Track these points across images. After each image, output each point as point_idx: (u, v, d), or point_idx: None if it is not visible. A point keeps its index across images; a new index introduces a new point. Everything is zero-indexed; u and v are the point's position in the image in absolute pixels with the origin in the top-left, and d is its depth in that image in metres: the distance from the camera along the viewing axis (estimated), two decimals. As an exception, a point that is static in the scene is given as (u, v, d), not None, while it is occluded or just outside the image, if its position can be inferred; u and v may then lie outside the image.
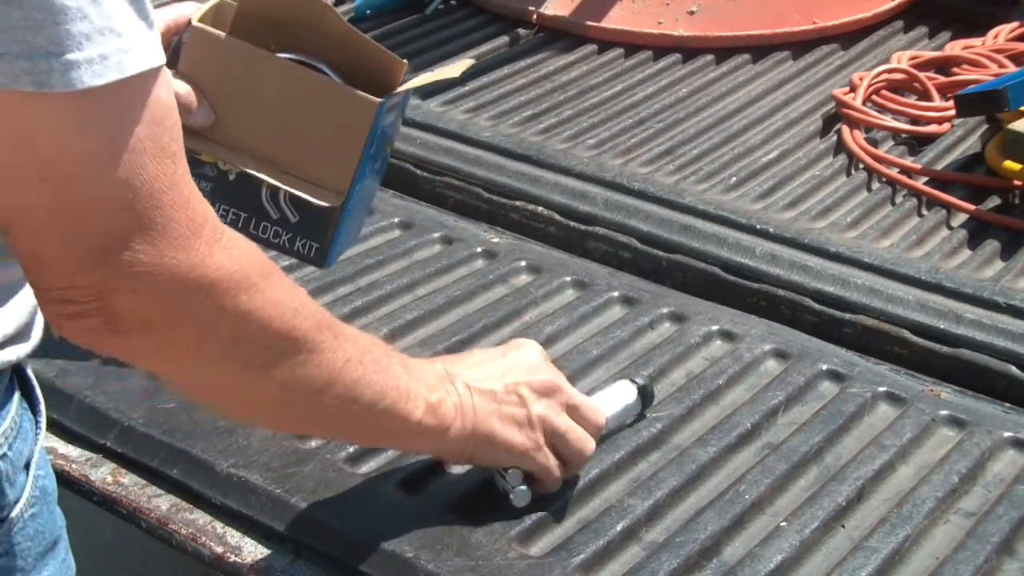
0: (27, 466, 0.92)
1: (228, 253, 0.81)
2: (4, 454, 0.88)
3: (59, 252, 0.76)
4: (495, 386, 1.08)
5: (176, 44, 1.20)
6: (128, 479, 1.21)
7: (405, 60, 1.23)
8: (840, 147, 1.82)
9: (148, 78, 0.75)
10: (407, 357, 1.04)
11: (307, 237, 1.23)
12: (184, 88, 1.17)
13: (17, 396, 0.90)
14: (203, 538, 1.14)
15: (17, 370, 0.91)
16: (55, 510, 0.98)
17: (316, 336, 0.90)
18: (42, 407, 0.95)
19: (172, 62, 1.18)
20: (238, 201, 1.23)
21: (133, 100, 0.74)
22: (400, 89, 1.22)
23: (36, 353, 1.32)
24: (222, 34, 1.17)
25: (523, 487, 1.12)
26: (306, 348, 0.89)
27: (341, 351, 0.92)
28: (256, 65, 1.18)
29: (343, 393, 0.93)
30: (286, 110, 1.19)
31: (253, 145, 1.20)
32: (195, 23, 1.18)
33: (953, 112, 1.82)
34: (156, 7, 0.86)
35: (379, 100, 1.17)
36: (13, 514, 0.90)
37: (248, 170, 1.20)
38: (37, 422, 0.94)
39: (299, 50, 1.20)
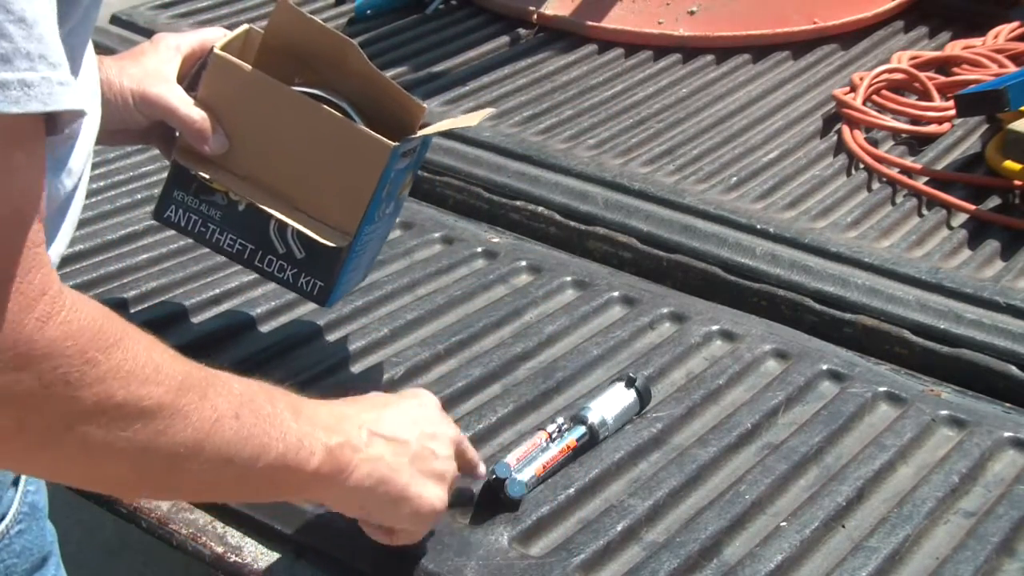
0: (15, 483, 0.90)
1: (63, 328, 0.71)
2: None
3: None
4: (408, 436, 0.98)
5: (198, 70, 1.20)
6: (129, 479, 1.21)
7: (425, 105, 1.21)
8: (840, 147, 1.82)
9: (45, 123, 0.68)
10: (302, 400, 0.93)
11: (311, 275, 1.22)
12: (200, 115, 1.16)
13: None
14: (203, 538, 1.14)
15: None
16: (45, 526, 0.96)
17: (174, 401, 0.78)
18: None
19: (193, 87, 1.19)
20: (245, 232, 1.23)
21: (19, 143, 0.67)
22: (417, 135, 1.21)
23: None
24: (243, 64, 1.16)
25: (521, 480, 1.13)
26: (161, 416, 0.77)
27: (208, 411, 0.81)
28: (274, 98, 1.17)
29: (214, 456, 0.82)
30: (301, 145, 1.18)
31: (265, 177, 1.20)
32: (217, 51, 1.17)
33: (953, 112, 1.82)
34: (178, 30, 0.83)
35: (393, 144, 1.15)
36: None
37: (258, 203, 1.20)
38: None
39: (321, 86, 1.19)
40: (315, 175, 1.19)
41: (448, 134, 1.80)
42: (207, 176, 1.21)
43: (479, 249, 1.58)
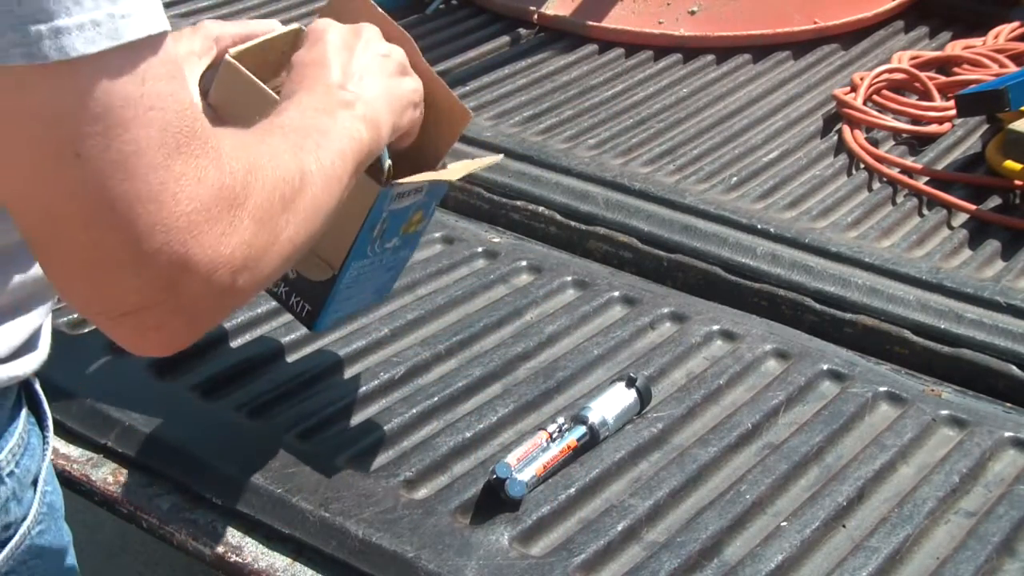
0: (35, 483, 0.91)
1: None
2: (12, 471, 0.87)
3: (113, 254, 0.70)
4: (367, 64, 1.04)
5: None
6: (129, 479, 1.21)
7: (471, 111, 1.18)
8: (841, 147, 1.82)
9: (146, 46, 0.69)
10: (302, 111, 0.96)
11: (301, 296, 1.21)
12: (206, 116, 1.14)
13: (24, 412, 0.89)
14: (204, 538, 1.14)
15: (25, 385, 0.90)
16: (62, 526, 0.96)
17: (298, 192, 0.83)
18: (49, 422, 0.94)
19: (208, 86, 1.14)
20: None
21: (136, 66, 0.69)
22: (412, 180, 1.14)
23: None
24: (248, 75, 1.12)
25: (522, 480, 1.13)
26: (297, 200, 0.83)
27: (310, 163, 0.86)
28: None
29: (328, 195, 0.89)
30: None
31: None
32: (228, 57, 1.12)
33: (954, 112, 1.82)
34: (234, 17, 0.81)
35: (380, 188, 1.11)
36: (20, 531, 0.88)
37: None
38: (45, 437, 0.93)
39: None
40: None
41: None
42: None
43: (480, 249, 1.58)
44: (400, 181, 1.13)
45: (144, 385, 1.28)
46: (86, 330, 1.37)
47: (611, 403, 1.24)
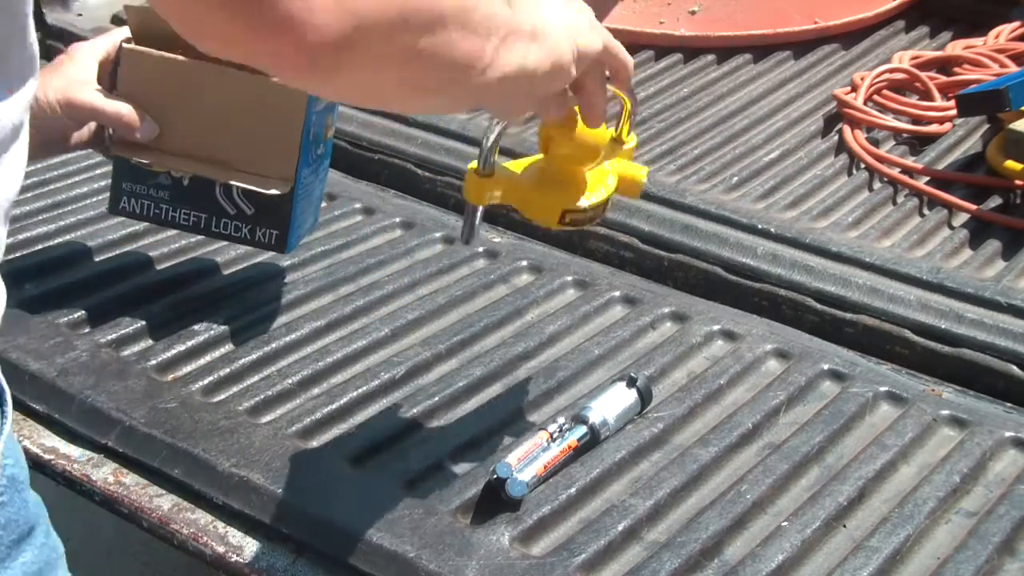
0: None
1: None
2: None
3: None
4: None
5: (113, 68, 1.29)
6: (129, 479, 1.21)
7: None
8: (841, 147, 1.82)
9: None
10: None
11: (266, 226, 1.33)
12: (125, 108, 1.26)
13: None
14: (204, 538, 1.14)
15: None
16: (27, 497, 0.96)
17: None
18: (8, 396, 0.94)
19: (113, 85, 1.28)
20: (196, 204, 1.34)
21: None
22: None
23: (36, 354, 1.32)
24: (150, 51, 1.27)
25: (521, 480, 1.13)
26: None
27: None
28: (189, 74, 1.26)
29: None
30: (224, 111, 1.28)
31: (200, 149, 1.29)
32: (125, 46, 1.27)
33: (954, 112, 1.82)
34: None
35: None
36: None
37: (199, 173, 1.30)
38: (3, 411, 0.93)
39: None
40: (244, 134, 1.28)
41: (449, 135, 1.80)
42: (147, 161, 1.31)
43: (480, 249, 1.58)
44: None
45: (145, 385, 1.28)
46: (86, 330, 1.37)
47: (612, 403, 1.24)
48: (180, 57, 1.26)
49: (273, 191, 1.28)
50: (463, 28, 0.84)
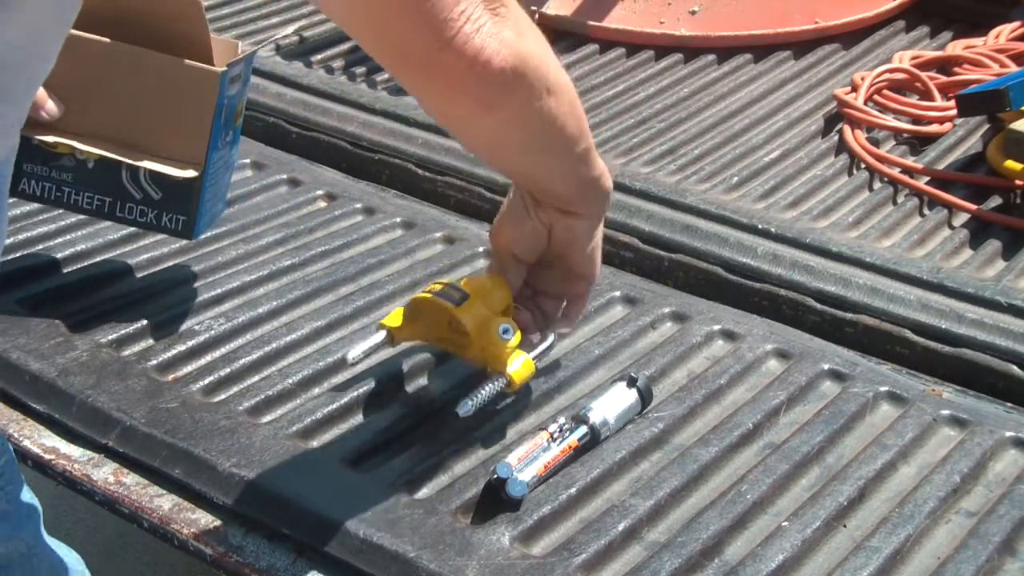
0: None
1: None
2: None
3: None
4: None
5: None
6: (130, 479, 1.21)
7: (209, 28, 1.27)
8: (841, 147, 1.82)
9: None
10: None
11: (173, 211, 1.30)
12: None
13: None
14: (205, 538, 1.14)
15: None
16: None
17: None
18: None
19: None
20: (100, 187, 1.30)
21: None
22: (241, 56, 1.27)
23: (37, 354, 1.32)
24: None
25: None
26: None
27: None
28: (99, 54, 1.24)
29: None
30: (134, 92, 1.26)
31: (107, 130, 1.27)
32: None
33: (955, 112, 1.82)
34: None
35: (221, 70, 1.23)
36: None
37: (106, 154, 1.26)
38: None
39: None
40: (154, 116, 1.27)
41: (449, 135, 1.79)
42: (50, 141, 1.27)
43: (481, 249, 1.58)
44: (234, 61, 1.25)
45: (145, 385, 1.28)
46: (86, 331, 1.37)
47: (612, 403, 1.24)
48: (93, 36, 1.24)
49: (190, 172, 1.26)
50: (573, 105, 1.12)
